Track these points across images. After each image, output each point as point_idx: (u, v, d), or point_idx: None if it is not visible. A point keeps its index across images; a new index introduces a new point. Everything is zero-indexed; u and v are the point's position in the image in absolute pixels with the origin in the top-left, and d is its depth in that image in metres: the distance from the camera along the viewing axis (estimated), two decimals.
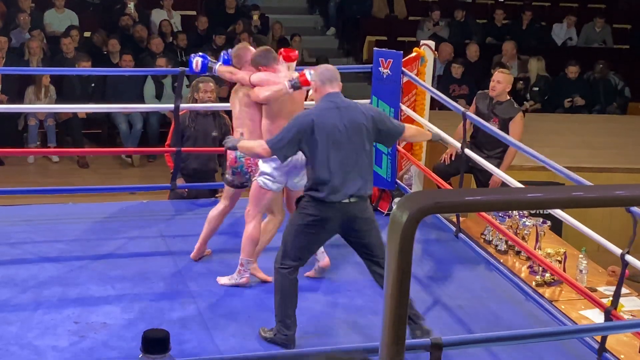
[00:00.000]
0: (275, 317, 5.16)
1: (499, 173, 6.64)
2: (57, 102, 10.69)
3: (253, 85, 5.81)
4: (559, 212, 5.78)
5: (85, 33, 12.35)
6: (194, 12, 13.63)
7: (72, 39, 11.64)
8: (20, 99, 10.53)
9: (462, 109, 6.79)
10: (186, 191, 7.53)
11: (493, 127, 6.71)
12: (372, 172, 5.25)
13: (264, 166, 5.70)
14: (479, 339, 3.96)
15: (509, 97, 7.63)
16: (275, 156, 5.22)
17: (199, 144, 7.42)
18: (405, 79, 7.37)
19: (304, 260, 5.24)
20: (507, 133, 7.39)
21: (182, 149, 7.23)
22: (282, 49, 6.16)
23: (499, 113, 7.44)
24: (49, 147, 10.82)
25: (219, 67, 6.14)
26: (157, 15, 13.13)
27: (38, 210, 7.25)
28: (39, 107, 10.56)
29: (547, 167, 5.69)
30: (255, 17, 13.80)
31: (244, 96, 5.92)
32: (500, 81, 7.55)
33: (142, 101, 11.03)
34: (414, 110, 7.61)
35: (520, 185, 5.87)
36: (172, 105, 7.28)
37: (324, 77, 5.14)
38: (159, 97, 11.21)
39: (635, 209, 4.93)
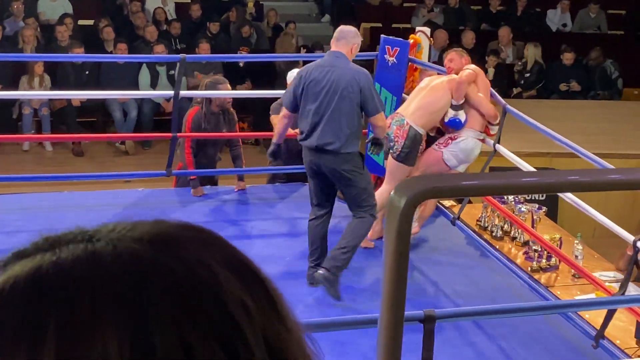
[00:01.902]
0: None
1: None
2: (52, 90, 10.66)
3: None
4: (572, 197, 5.80)
5: (79, 21, 12.31)
6: (189, 0, 13.58)
7: (67, 27, 11.60)
8: (14, 89, 10.48)
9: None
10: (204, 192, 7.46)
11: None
12: (349, 134, 5.57)
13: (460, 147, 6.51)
14: (471, 312, 3.99)
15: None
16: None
17: (209, 145, 7.39)
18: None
19: (314, 204, 5.82)
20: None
21: (197, 146, 7.25)
22: None
23: None
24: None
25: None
26: (151, 3, 13.08)
27: (33, 198, 7.25)
28: (33, 93, 10.53)
29: (568, 147, 5.72)
30: (250, 4, 13.76)
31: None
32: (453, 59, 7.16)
33: (136, 89, 11.01)
34: None
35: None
36: (170, 92, 7.26)
37: (334, 36, 5.91)
38: (154, 85, 11.19)
39: None
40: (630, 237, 5.14)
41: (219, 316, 0.66)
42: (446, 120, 6.50)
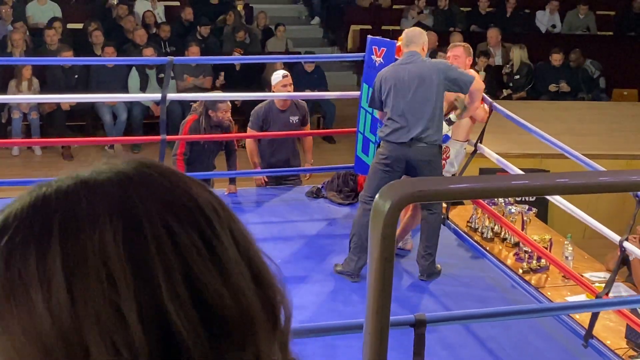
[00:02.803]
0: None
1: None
2: (42, 94, 10.62)
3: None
4: (558, 198, 5.80)
5: (68, 25, 12.28)
6: (178, 3, 13.57)
7: (56, 31, 11.57)
8: (3, 93, 10.44)
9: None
10: None
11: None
12: (437, 121, 5.92)
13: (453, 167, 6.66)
14: (461, 316, 3.98)
15: None
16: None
17: (205, 154, 7.37)
18: None
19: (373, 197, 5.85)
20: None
21: (189, 155, 7.24)
22: None
23: None
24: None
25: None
26: (141, 6, 13.06)
27: None
28: (22, 97, 10.49)
29: (557, 148, 5.73)
30: (240, 7, 13.75)
31: None
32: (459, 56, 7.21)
33: (126, 92, 10.98)
34: None
35: None
36: (158, 95, 7.23)
37: (403, 41, 6.10)
38: (143, 88, 11.16)
39: None
40: (618, 238, 5.14)
41: (194, 211, 0.79)
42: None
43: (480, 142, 6.73)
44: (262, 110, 7.46)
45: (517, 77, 12.64)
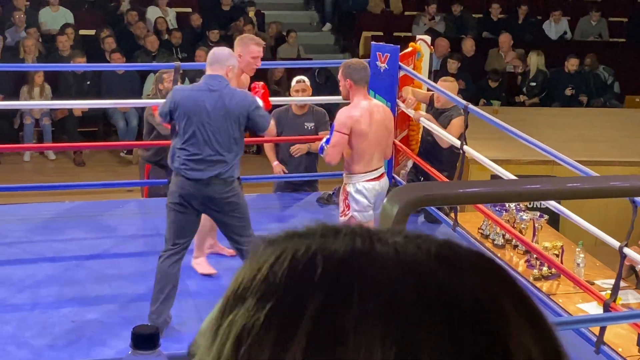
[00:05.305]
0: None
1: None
2: (53, 100, 10.66)
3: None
4: (556, 206, 5.76)
5: (80, 31, 12.33)
6: (190, 9, 13.60)
7: (68, 37, 11.62)
8: (15, 99, 10.49)
9: (464, 102, 6.55)
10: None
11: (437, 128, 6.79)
12: (236, 158, 5.33)
13: (357, 203, 5.81)
14: None
15: (453, 104, 7.03)
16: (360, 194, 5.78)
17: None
18: (402, 73, 7.33)
19: (180, 244, 5.26)
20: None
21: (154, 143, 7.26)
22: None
23: (441, 121, 7.04)
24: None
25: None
26: (152, 13, 13.10)
27: (34, 208, 7.24)
28: (34, 103, 10.54)
29: (553, 156, 5.68)
30: (251, 13, 13.77)
31: None
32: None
33: (137, 98, 10.99)
34: None
35: None
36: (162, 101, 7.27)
37: (207, 59, 5.35)
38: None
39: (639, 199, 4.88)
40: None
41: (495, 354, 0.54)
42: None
43: (466, 144, 6.55)
44: (276, 114, 7.46)
45: (534, 84, 12.59)
